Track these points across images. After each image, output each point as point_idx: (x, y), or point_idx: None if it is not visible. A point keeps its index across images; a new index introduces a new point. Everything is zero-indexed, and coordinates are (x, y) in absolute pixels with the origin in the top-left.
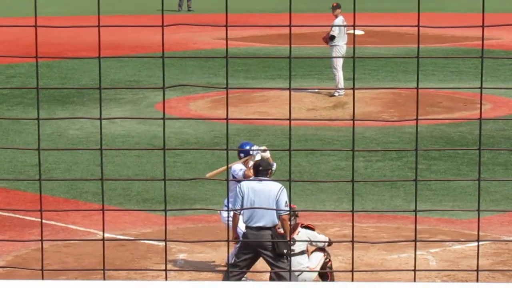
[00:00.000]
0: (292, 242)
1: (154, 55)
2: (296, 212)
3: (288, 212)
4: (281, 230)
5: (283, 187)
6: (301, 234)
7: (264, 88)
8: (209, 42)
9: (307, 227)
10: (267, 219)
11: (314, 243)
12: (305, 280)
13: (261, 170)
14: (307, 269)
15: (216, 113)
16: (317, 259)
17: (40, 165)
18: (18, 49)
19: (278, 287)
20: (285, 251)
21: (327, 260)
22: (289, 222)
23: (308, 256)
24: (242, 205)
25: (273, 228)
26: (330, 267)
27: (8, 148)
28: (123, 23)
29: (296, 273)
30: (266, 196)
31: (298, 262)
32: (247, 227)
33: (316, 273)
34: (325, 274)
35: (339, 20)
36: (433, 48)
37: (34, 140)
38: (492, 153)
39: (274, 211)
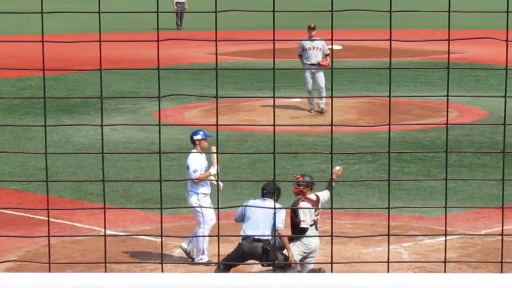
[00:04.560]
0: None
1: (151, 68)
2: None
3: (280, 228)
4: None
5: (281, 207)
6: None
7: (251, 97)
8: (201, 57)
9: (303, 201)
10: (261, 232)
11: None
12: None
13: (265, 193)
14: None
15: (208, 121)
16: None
17: (47, 168)
18: (28, 63)
19: (262, 278)
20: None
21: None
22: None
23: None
24: (243, 215)
25: (265, 241)
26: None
27: (19, 153)
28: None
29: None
30: (264, 213)
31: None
32: (243, 238)
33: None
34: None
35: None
36: (405, 61)
37: (43, 146)
38: (459, 156)
39: (270, 227)
